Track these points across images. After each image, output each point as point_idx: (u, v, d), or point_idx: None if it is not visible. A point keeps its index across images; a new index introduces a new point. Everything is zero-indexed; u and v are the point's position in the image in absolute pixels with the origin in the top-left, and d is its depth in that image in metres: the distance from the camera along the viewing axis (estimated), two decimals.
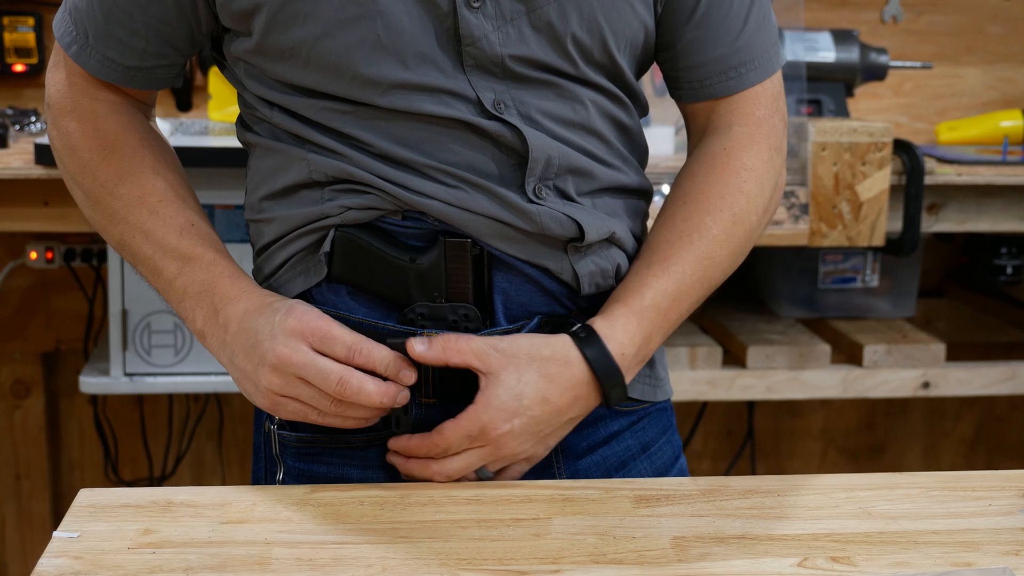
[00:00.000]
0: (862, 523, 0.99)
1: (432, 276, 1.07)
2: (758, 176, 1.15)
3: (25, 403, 2.66)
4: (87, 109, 1.13)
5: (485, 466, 1.08)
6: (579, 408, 1.08)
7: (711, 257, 1.12)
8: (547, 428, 1.07)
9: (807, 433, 2.89)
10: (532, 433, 1.06)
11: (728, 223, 1.13)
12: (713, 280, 1.14)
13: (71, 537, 0.96)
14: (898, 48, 2.62)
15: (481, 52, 1.04)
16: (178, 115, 2.49)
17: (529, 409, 1.05)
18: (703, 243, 1.12)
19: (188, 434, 2.69)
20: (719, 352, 2.21)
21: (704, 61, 1.14)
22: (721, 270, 1.14)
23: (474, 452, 1.06)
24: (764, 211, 1.16)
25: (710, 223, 1.13)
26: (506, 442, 1.06)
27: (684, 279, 1.11)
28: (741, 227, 1.14)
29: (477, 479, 1.08)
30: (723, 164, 1.15)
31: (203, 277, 1.09)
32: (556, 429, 1.08)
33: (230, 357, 1.07)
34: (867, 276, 2.34)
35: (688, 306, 1.13)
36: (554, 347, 1.06)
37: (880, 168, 2.05)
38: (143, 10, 1.08)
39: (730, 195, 1.14)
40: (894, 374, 2.23)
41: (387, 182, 1.06)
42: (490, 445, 1.06)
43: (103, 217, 1.14)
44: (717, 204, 1.13)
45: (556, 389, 1.06)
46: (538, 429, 1.06)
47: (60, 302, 2.59)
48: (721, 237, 1.13)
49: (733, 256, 1.15)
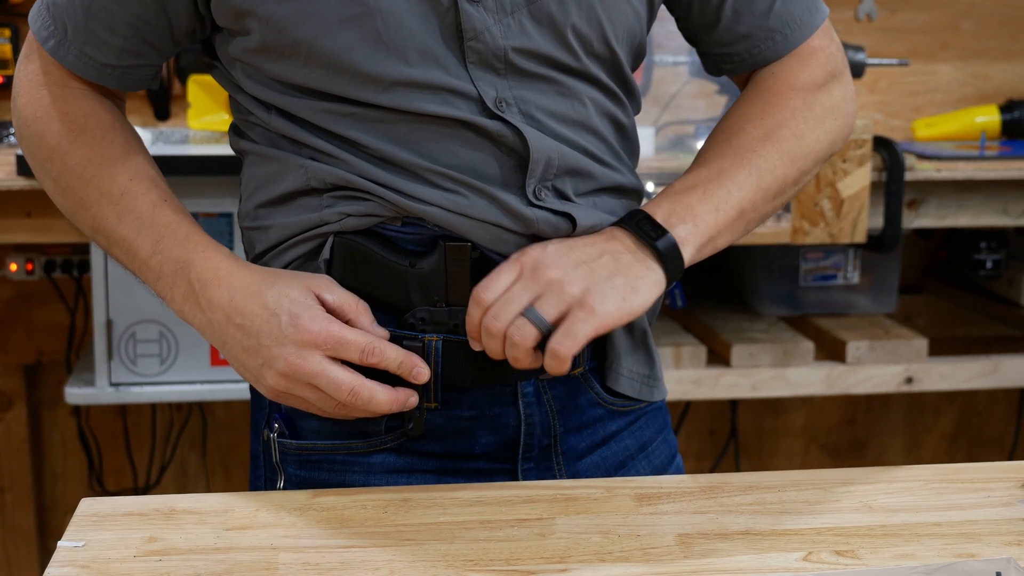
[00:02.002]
0: (864, 517, 1.00)
1: (432, 280, 1.07)
2: (807, 96, 1.14)
3: (7, 416, 2.64)
4: (57, 95, 1.12)
5: (537, 308, 1.01)
6: (617, 244, 1.05)
7: (752, 149, 1.11)
8: (586, 256, 1.03)
9: (789, 431, 2.90)
10: (572, 260, 1.02)
11: (770, 127, 1.12)
12: (762, 169, 1.10)
13: (76, 546, 0.95)
14: (873, 46, 2.64)
15: (484, 46, 1.04)
16: (157, 124, 2.48)
17: (559, 240, 1.05)
18: (741, 140, 1.11)
19: (172, 444, 2.68)
20: (703, 351, 2.22)
21: (747, 32, 1.15)
22: (769, 162, 1.11)
23: (517, 286, 1.02)
24: (819, 129, 1.14)
25: (750, 128, 1.12)
26: (545, 265, 1.02)
27: (723, 164, 1.10)
28: (788, 131, 1.12)
29: (537, 331, 1.00)
30: (769, 85, 1.15)
31: (178, 254, 1.07)
32: (600, 261, 1.03)
33: (222, 342, 1.06)
34: (848, 273, 2.36)
35: (735, 185, 1.09)
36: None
37: (860, 165, 2.06)
38: (122, 7, 1.08)
39: (773, 108, 1.13)
40: (877, 370, 2.25)
41: (386, 188, 1.06)
42: (530, 271, 1.02)
43: (74, 204, 1.12)
44: (758, 114, 1.13)
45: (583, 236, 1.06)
46: (575, 255, 1.03)
47: (41, 314, 2.58)
48: (762, 137, 1.11)
49: (783, 154, 1.11)
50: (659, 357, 1.21)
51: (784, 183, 1.13)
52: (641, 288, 1.04)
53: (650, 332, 1.19)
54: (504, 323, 1.01)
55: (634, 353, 1.17)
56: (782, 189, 1.13)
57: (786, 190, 1.14)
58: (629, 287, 1.03)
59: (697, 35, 1.18)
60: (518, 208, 1.06)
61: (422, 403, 1.09)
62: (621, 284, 1.03)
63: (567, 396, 1.13)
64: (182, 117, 2.47)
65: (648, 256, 1.05)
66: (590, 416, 1.15)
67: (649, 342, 1.18)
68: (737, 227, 1.11)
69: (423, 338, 1.08)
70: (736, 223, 1.10)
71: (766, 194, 1.11)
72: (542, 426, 1.13)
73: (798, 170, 1.13)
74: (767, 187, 1.11)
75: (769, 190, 1.11)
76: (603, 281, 1.02)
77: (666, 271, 1.05)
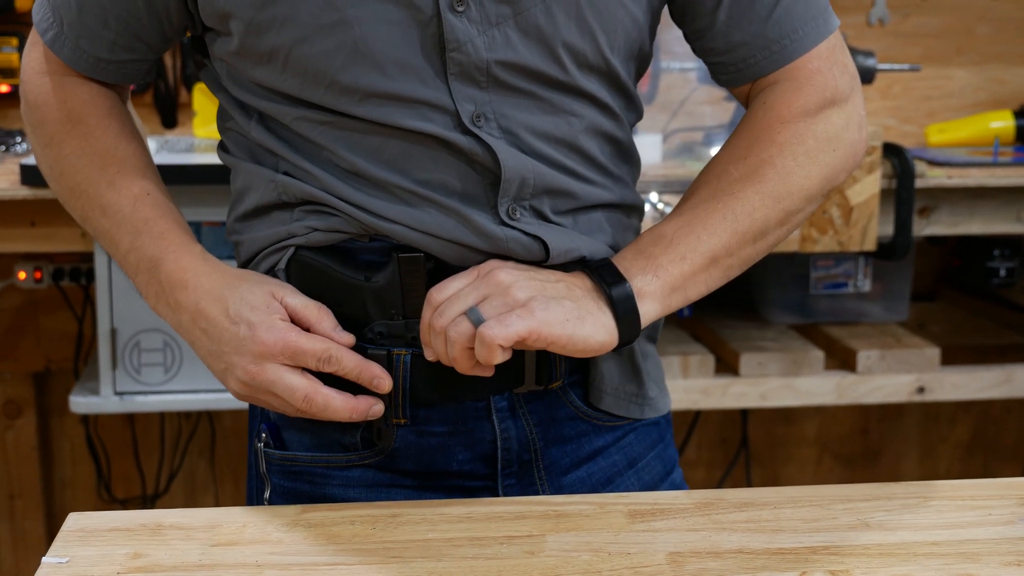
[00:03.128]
0: (860, 535, 0.98)
1: (388, 294, 1.06)
2: (798, 128, 1.08)
3: (17, 423, 2.64)
4: (57, 84, 1.14)
5: (479, 308, 0.99)
6: (572, 279, 1.03)
7: (730, 192, 1.06)
8: (543, 277, 1.01)
9: (802, 440, 2.88)
10: (527, 275, 1.01)
11: (753, 166, 1.07)
12: (739, 213, 1.06)
13: (60, 563, 0.94)
14: (885, 50, 2.62)
15: (466, 57, 1.01)
16: (163, 132, 2.48)
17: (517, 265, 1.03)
18: (720, 184, 1.07)
19: (180, 452, 2.68)
20: (711, 360, 2.21)
21: (743, 40, 1.09)
22: (748, 204, 1.06)
23: (468, 287, 1.00)
24: (810, 165, 1.08)
25: (732, 169, 1.08)
26: (499, 272, 1.00)
27: (696, 212, 1.06)
28: (772, 170, 1.07)
29: (473, 328, 0.98)
30: (759, 119, 1.10)
31: (151, 252, 1.08)
32: (555, 286, 1.01)
33: (191, 342, 1.08)
34: (859, 281, 2.33)
35: (707, 232, 1.05)
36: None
37: (870, 172, 2.04)
38: (113, 2, 1.08)
39: (758, 145, 1.08)
40: (888, 379, 2.22)
41: (351, 205, 1.05)
42: (484, 277, 1.01)
43: (67, 191, 1.14)
44: (742, 154, 1.08)
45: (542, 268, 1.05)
46: (533, 274, 1.01)
47: (50, 322, 2.58)
48: (743, 178, 1.07)
49: (764, 195, 1.06)
50: (655, 373, 1.19)
51: (766, 224, 1.07)
52: (588, 321, 1.01)
53: (641, 350, 1.16)
54: (447, 320, 1.00)
55: (620, 371, 1.14)
56: (764, 231, 1.08)
57: (770, 231, 1.08)
58: (575, 313, 1.00)
59: (694, 42, 1.14)
60: (487, 227, 1.04)
61: (390, 418, 1.07)
62: (569, 307, 1.00)
63: (544, 410, 1.11)
64: (189, 125, 2.47)
65: (601, 300, 1.03)
66: (572, 430, 1.13)
67: (636, 360, 1.15)
68: (712, 275, 1.07)
69: (392, 352, 1.06)
70: (710, 271, 1.06)
71: (744, 238, 1.07)
72: (520, 441, 1.11)
73: (783, 210, 1.08)
74: (745, 231, 1.07)
75: (748, 233, 1.07)
76: (551, 298, 1.00)
77: (617, 320, 1.02)
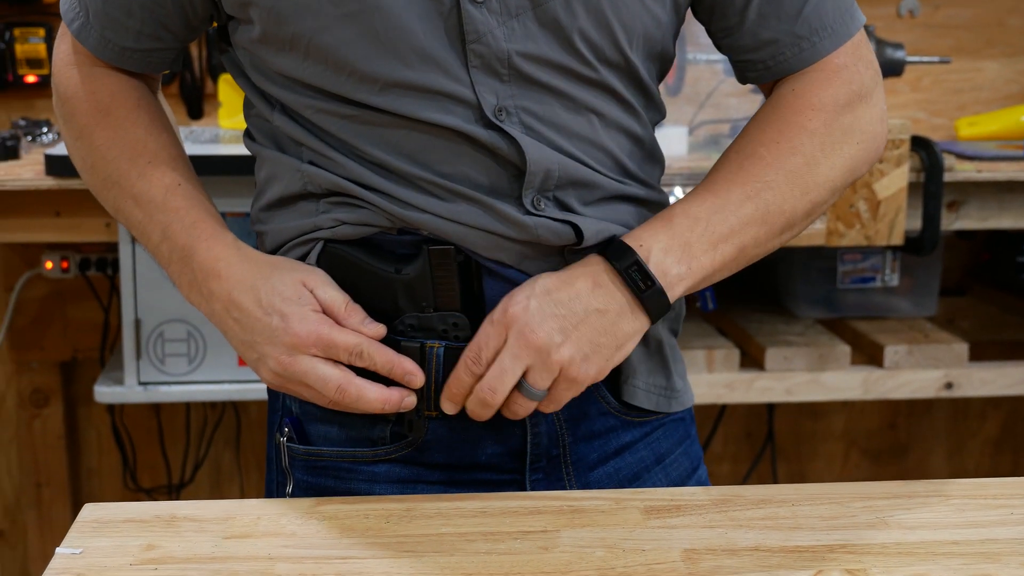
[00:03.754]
0: (879, 533, 0.97)
1: (419, 286, 1.05)
2: (827, 117, 1.08)
3: (44, 412, 2.66)
4: (86, 75, 1.14)
5: (529, 382, 1.01)
6: (603, 298, 1.02)
7: (762, 180, 1.06)
8: (572, 315, 1.01)
9: (829, 435, 2.86)
10: (555, 316, 1.00)
11: (784, 152, 1.06)
12: (770, 203, 1.05)
13: (74, 553, 0.94)
14: (915, 42, 2.59)
15: (487, 49, 1.01)
16: (189, 123, 2.48)
17: (544, 289, 1.02)
18: (753, 167, 1.06)
19: (206, 442, 2.68)
20: (736, 354, 2.19)
21: (773, 38, 1.09)
22: (779, 195, 1.06)
23: (505, 353, 1.01)
24: (835, 155, 1.08)
25: (763, 152, 1.07)
26: (530, 329, 1.00)
27: (730, 196, 1.05)
28: (802, 159, 1.06)
29: (528, 399, 1.02)
30: (788, 103, 1.09)
31: (183, 241, 1.09)
32: (586, 321, 1.01)
33: (223, 332, 1.08)
34: (887, 275, 2.31)
35: (739, 222, 1.04)
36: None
37: (898, 166, 2.02)
38: None
39: (789, 130, 1.07)
40: (916, 375, 2.20)
41: (380, 195, 1.04)
42: (516, 336, 1.00)
43: (99, 183, 1.14)
44: (774, 137, 1.07)
45: (569, 276, 1.03)
46: (561, 313, 1.00)
47: (76, 311, 2.59)
48: (775, 164, 1.06)
49: (794, 186, 1.06)
50: (679, 367, 1.18)
51: (793, 217, 1.07)
52: (626, 344, 1.04)
53: (667, 342, 1.16)
54: (502, 396, 1.02)
55: (649, 365, 1.14)
56: (790, 224, 1.08)
57: (795, 224, 1.08)
58: (615, 347, 1.03)
59: (721, 40, 1.13)
60: (514, 216, 1.04)
61: (421, 410, 1.07)
62: (606, 346, 1.02)
63: (575, 405, 1.10)
64: (215, 116, 2.47)
65: (635, 305, 1.03)
66: (601, 426, 1.13)
67: (665, 352, 1.15)
68: (737, 263, 1.07)
69: (425, 344, 1.06)
70: (736, 260, 1.06)
71: (771, 229, 1.07)
72: (549, 436, 1.11)
73: (810, 202, 1.08)
74: (773, 223, 1.06)
75: (775, 225, 1.07)
76: (588, 344, 1.01)
77: (651, 317, 1.04)
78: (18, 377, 2.63)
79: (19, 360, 2.61)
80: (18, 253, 2.54)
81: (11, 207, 2.06)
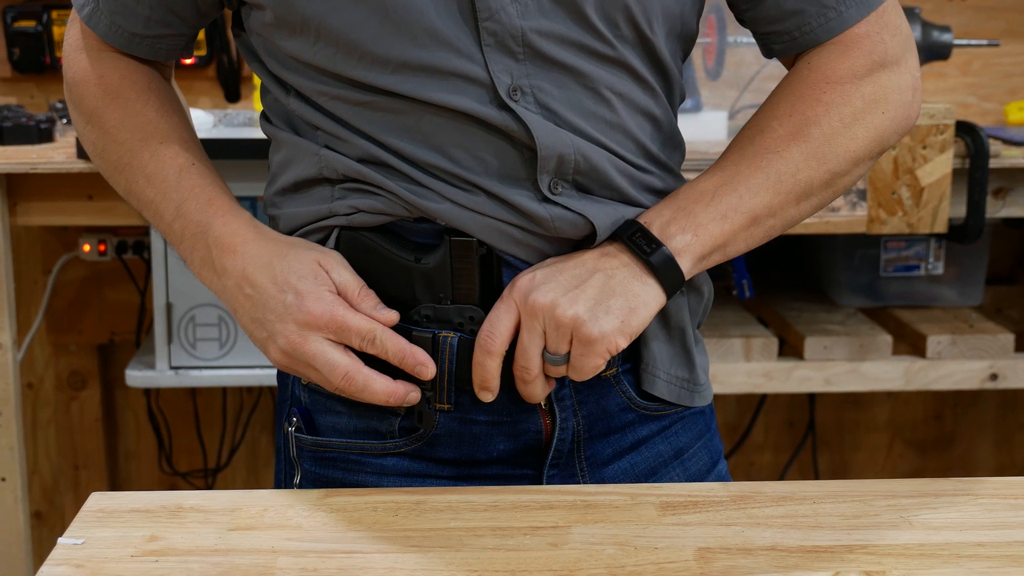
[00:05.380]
0: (902, 534, 0.93)
1: (438, 277, 1.03)
2: (845, 88, 1.05)
3: (81, 395, 2.67)
4: (94, 59, 1.13)
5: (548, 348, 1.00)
6: (609, 262, 1.00)
7: (772, 151, 1.03)
8: (576, 278, 0.99)
9: (872, 425, 2.81)
10: (560, 281, 0.99)
11: (797, 124, 1.04)
12: (782, 172, 1.03)
13: (76, 543, 0.93)
14: (964, 25, 2.52)
15: (499, 26, 0.98)
16: (226, 106, 2.47)
17: (549, 262, 1.01)
18: (764, 140, 1.04)
19: (242, 425, 2.68)
20: (775, 343, 2.15)
21: (799, 8, 1.06)
22: (791, 164, 1.03)
23: (524, 332, 0.99)
24: (857, 126, 1.05)
25: (776, 126, 1.05)
26: (535, 294, 0.99)
27: (739, 168, 1.03)
28: (817, 129, 1.04)
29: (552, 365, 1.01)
30: (803, 77, 1.07)
31: (198, 218, 1.07)
32: (591, 282, 0.99)
33: (233, 309, 1.07)
34: (931, 263, 2.26)
35: (748, 191, 1.02)
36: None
37: (942, 151, 1.97)
38: None
39: (802, 103, 1.05)
40: (959, 365, 2.15)
41: (398, 184, 1.02)
42: (524, 306, 0.99)
43: (110, 165, 1.13)
44: (786, 111, 1.05)
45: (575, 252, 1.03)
46: (565, 278, 0.99)
47: (113, 294, 2.60)
48: (787, 136, 1.04)
49: (809, 156, 1.03)
50: (703, 360, 1.15)
51: (810, 186, 1.04)
52: (640, 308, 1.00)
53: (691, 334, 1.12)
54: (537, 369, 1.00)
55: (671, 354, 1.11)
56: (807, 192, 1.05)
57: (814, 193, 1.05)
58: (627, 308, 0.99)
59: (744, 13, 1.10)
60: (529, 206, 1.01)
61: (432, 402, 1.05)
62: (618, 306, 0.99)
63: (595, 400, 1.08)
64: (251, 99, 2.46)
65: (643, 271, 1.01)
66: (619, 421, 1.09)
67: (688, 343, 1.11)
68: (754, 233, 1.04)
69: (438, 334, 1.03)
70: (751, 230, 1.03)
71: (787, 198, 1.04)
72: (570, 431, 1.08)
73: (828, 172, 1.05)
74: (788, 191, 1.03)
75: (791, 194, 1.04)
76: (596, 305, 0.99)
77: (663, 285, 1.01)
78: (56, 360, 2.64)
79: (57, 343, 2.62)
80: (56, 236, 2.55)
81: (45, 190, 2.07)
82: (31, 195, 2.07)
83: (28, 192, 2.07)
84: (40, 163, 1.96)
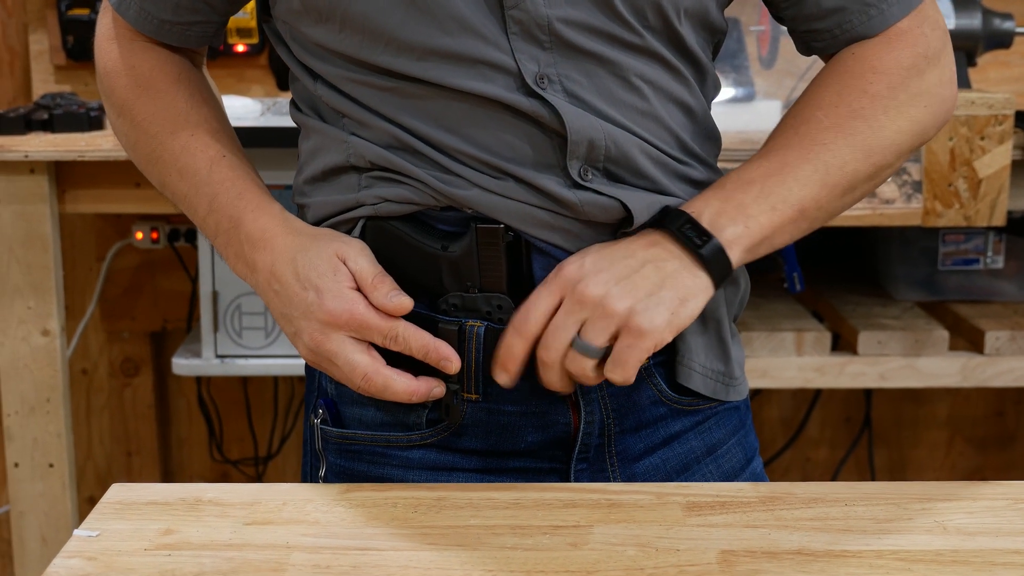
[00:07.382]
0: (935, 539, 0.90)
1: (465, 265, 1.01)
2: (891, 80, 1.03)
3: (134, 381, 2.68)
4: (125, 49, 1.13)
5: (583, 337, 0.96)
6: (660, 253, 0.98)
7: (820, 142, 1.01)
8: (627, 268, 0.97)
9: (932, 421, 2.75)
10: (610, 270, 0.96)
11: (844, 116, 1.02)
12: (829, 164, 1.01)
13: (90, 536, 0.92)
14: None
15: (525, 15, 0.97)
16: (278, 94, 2.47)
17: (597, 249, 0.98)
18: (809, 130, 1.02)
19: (293, 414, 2.69)
20: (828, 337, 2.11)
21: (840, 5, 1.04)
22: (838, 156, 1.01)
23: (560, 311, 0.97)
24: (902, 119, 1.03)
25: (821, 116, 1.03)
26: (585, 283, 0.96)
27: (786, 159, 1.01)
28: (863, 123, 1.02)
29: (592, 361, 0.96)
30: (849, 67, 1.05)
31: (230, 212, 1.07)
32: (643, 273, 0.97)
33: (266, 303, 1.06)
34: (990, 257, 2.20)
35: (797, 183, 1.00)
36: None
37: (1001, 143, 1.91)
38: None
39: (849, 93, 1.03)
40: (1019, 362, 2.09)
41: (425, 171, 1.00)
42: (571, 293, 0.96)
43: (143, 158, 1.13)
44: (833, 100, 1.03)
45: (623, 240, 1.00)
46: (616, 267, 0.96)
47: (166, 282, 2.61)
48: (833, 127, 1.02)
49: (855, 148, 1.02)
50: (739, 354, 1.12)
51: (856, 178, 1.02)
52: (690, 300, 0.97)
53: (727, 327, 1.09)
54: (557, 353, 0.97)
55: (707, 346, 1.08)
56: (853, 185, 1.03)
57: (858, 186, 1.03)
58: (677, 300, 0.97)
59: (783, 9, 1.08)
60: (559, 192, 0.99)
61: (459, 393, 1.03)
62: (669, 298, 0.96)
63: (625, 393, 1.05)
64: None
65: (693, 263, 0.98)
66: (650, 415, 1.07)
67: (724, 336, 1.09)
68: (799, 226, 1.02)
69: (465, 323, 1.01)
70: (797, 222, 1.01)
71: (833, 191, 1.02)
72: (598, 424, 1.06)
73: (873, 165, 1.03)
74: (835, 184, 1.02)
75: (837, 187, 1.02)
76: (648, 296, 0.96)
77: (713, 277, 0.98)
78: (109, 346, 2.66)
79: (110, 330, 2.64)
80: (110, 223, 2.56)
81: (94, 178, 2.08)
82: (80, 183, 2.08)
83: (77, 180, 2.08)
84: (88, 151, 1.97)
